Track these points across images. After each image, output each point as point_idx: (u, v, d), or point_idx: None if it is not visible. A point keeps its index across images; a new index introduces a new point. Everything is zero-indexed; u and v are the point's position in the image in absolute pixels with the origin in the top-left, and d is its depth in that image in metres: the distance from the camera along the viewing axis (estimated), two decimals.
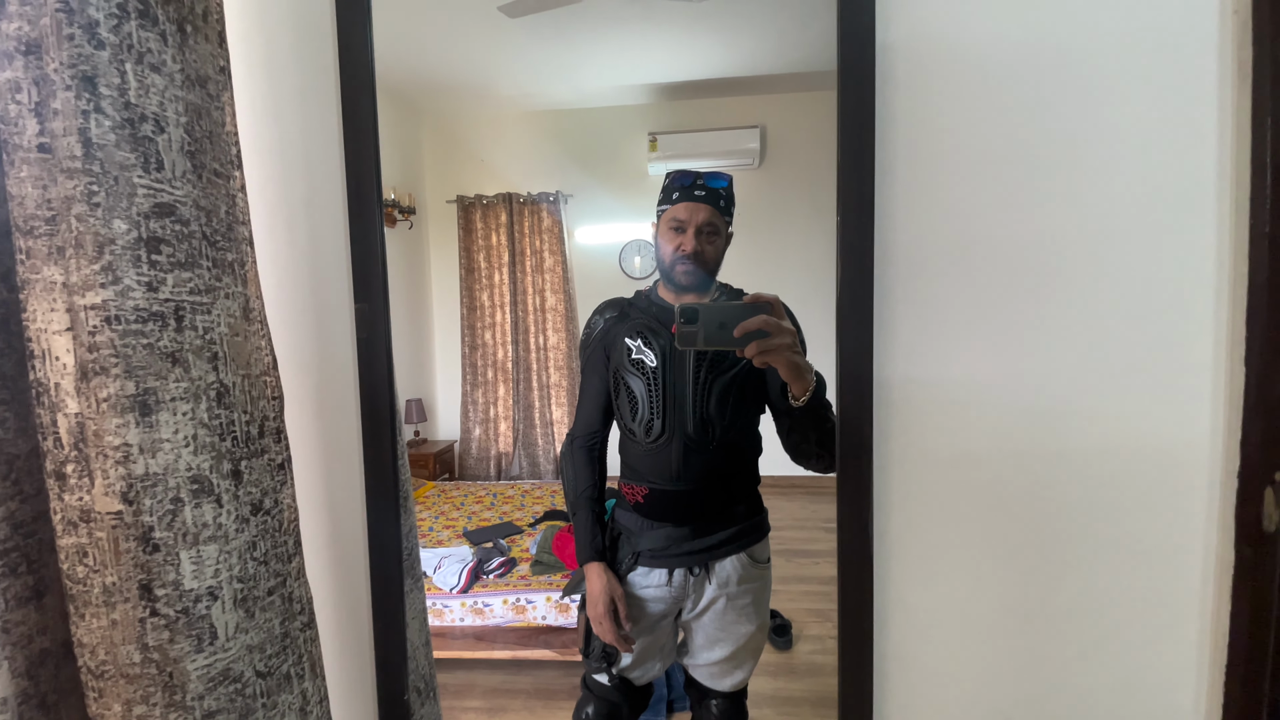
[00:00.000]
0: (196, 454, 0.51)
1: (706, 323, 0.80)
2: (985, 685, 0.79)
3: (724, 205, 1.11)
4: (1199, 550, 0.73)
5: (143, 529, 0.49)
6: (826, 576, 3.09)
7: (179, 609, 0.50)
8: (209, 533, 0.52)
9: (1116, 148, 0.72)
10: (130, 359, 0.48)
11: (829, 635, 2.55)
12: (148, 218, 0.49)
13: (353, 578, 0.82)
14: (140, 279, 0.49)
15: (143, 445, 0.49)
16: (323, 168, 0.76)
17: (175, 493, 0.50)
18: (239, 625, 0.54)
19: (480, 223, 4.07)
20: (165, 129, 0.51)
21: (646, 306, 1.17)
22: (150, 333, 0.49)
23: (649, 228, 1.19)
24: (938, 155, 0.74)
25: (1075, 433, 0.75)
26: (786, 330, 0.83)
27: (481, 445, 4.18)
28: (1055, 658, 0.78)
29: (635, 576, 1.16)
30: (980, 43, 0.72)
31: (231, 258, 0.57)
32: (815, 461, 1.03)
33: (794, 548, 3.35)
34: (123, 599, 0.49)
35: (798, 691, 2.23)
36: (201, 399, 0.52)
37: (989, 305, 0.75)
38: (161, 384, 0.50)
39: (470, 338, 4.16)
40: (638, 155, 4.03)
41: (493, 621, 2.18)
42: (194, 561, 0.51)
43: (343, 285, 0.76)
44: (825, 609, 2.77)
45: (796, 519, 3.70)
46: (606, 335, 1.17)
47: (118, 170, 0.48)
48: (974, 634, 0.78)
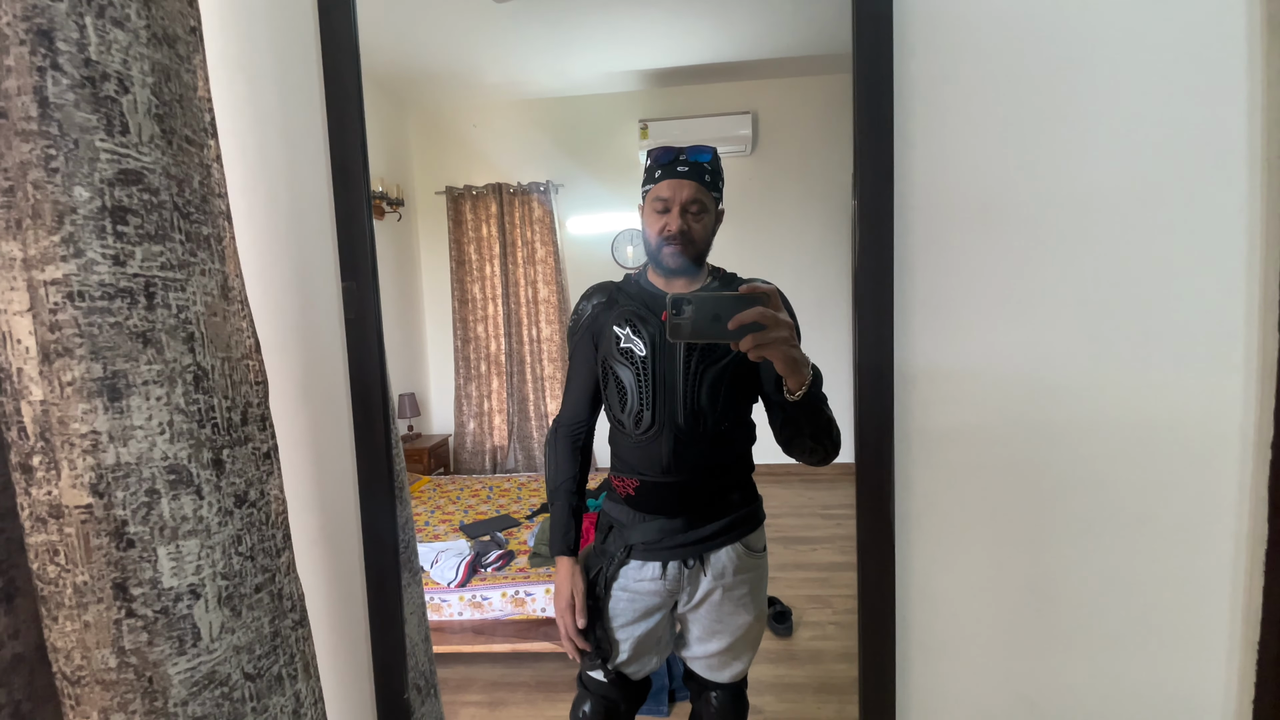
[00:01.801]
0: (173, 442, 0.48)
1: (699, 313, 0.76)
2: (1009, 667, 0.77)
3: (710, 180, 1.06)
4: (1230, 525, 0.71)
5: (115, 523, 0.45)
6: (825, 563, 3.08)
7: (157, 609, 0.46)
8: (189, 526, 0.48)
9: (1142, 109, 0.69)
10: (96, 339, 0.44)
11: (829, 621, 2.55)
12: (112, 185, 0.45)
13: (347, 573, 0.78)
14: (105, 251, 0.45)
15: (113, 433, 0.45)
16: (305, 139, 0.71)
17: (150, 484, 0.46)
18: (224, 625, 0.50)
19: (470, 214, 4.01)
20: (130, 89, 0.47)
21: (636, 292, 1.13)
22: (118, 310, 0.45)
23: (639, 213, 1.14)
24: (956, 120, 0.70)
25: (1100, 405, 0.72)
26: (783, 323, 0.77)
27: (476, 439, 4.15)
28: (1080, 638, 0.76)
29: (628, 570, 1.13)
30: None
31: (207, 232, 0.53)
32: (809, 455, 0.98)
33: (791, 534, 3.35)
34: (96, 599, 0.45)
35: (799, 678, 2.21)
36: (177, 383, 0.48)
37: (1011, 275, 0.72)
38: (132, 366, 0.46)
39: (462, 331, 4.11)
40: (629, 143, 3.98)
41: (491, 615, 2.15)
42: (173, 558, 0.47)
43: (328, 263, 0.72)
44: (824, 595, 2.76)
45: (793, 506, 3.70)
46: (594, 322, 1.13)
47: (78, 133, 0.44)
48: (997, 615, 0.76)
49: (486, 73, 3.57)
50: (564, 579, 1.12)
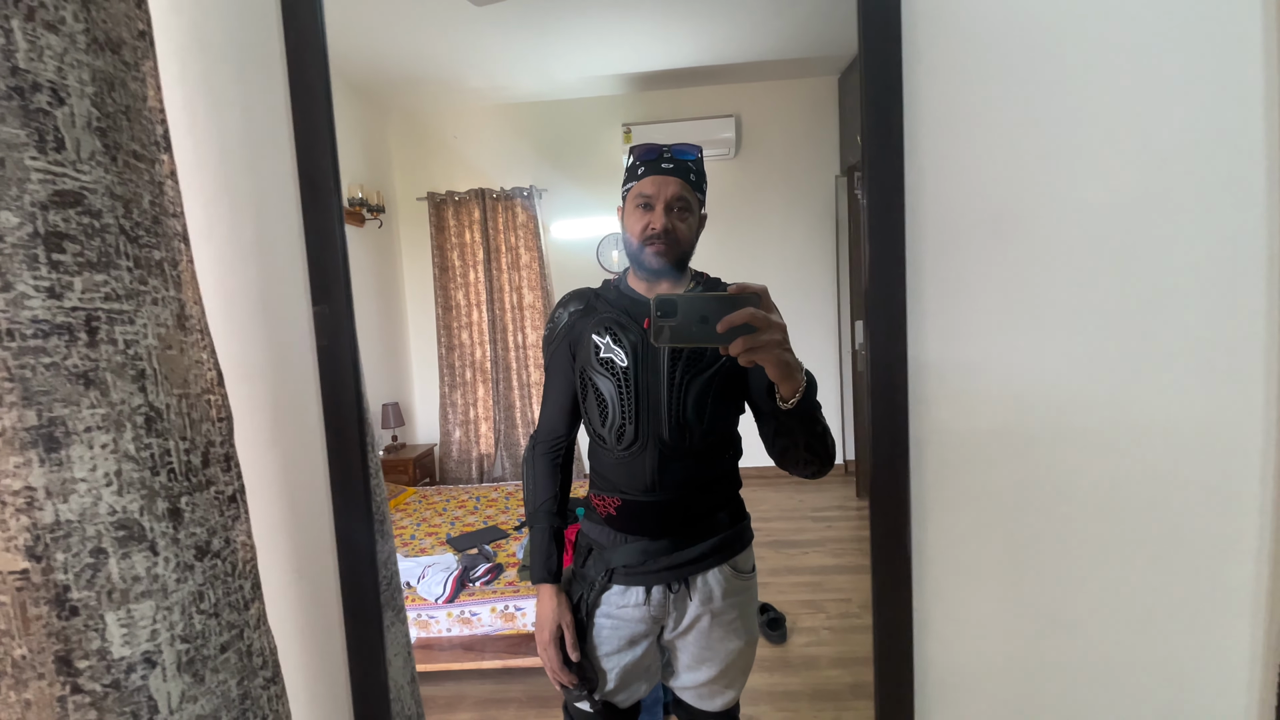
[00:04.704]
0: (121, 494, 0.43)
1: (685, 316, 0.70)
2: (1026, 680, 0.74)
3: (695, 180, 1.02)
4: (1251, 543, 0.68)
5: (56, 589, 0.40)
6: (816, 566, 3.06)
7: (107, 682, 0.41)
8: (142, 587, 0.43)
9: (1155, 116, 0.66)
10: (29, 383, 0.39)
11: (822, 627, 2.52)
12: (45, 208, 0.40)
13: (323, 618, 0.72)
14: (39, 284, 0.40)
15: (50, 487, 0.40)
16: (270, 150, 0.65)
17: (96, 543, 0.41)
18: (185, 693, 0.45)
19: (453, 220, 3.94)
20: (66, 100, 0.42)
21: (616, 298, 1.07)
22: (54, 349, 0.40)
23: (617, 215, 1.09)
24: (966, 125, 0.67)
25: (1114, 416, 0.69)
26: (776, 325, 0.73)
27: (462, 448, 4.07)
28: (1096, 652, 0.73)
29: (610, 596, 1.07)
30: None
31: (160, 256, 0.48)
32: (804, 467, 0.94)
33: (782, 538, 3.32)
34: (36, 675, 0.40)
35: (794, 685, 2.18)
36: (125, 427, 0.43)
37: (1024, 284, 0.69)
38: (72, 411, 0.41)
39: (447, 338, 4.04)
40: (612, 147, 3.94)
41: (481, 630, 2.10)
42: (124, 624, 0.42)
43: (298, 286, 0.67)
44: (817, 599, 2.73)
45: (783, 510, 3.68)
46: (572, 330, 1.07)
47: (4, 150, 0.39)
48: (1012, 631, 0.73)
49: (468, 77, 3.51)
50: (547, 609, 1.05)
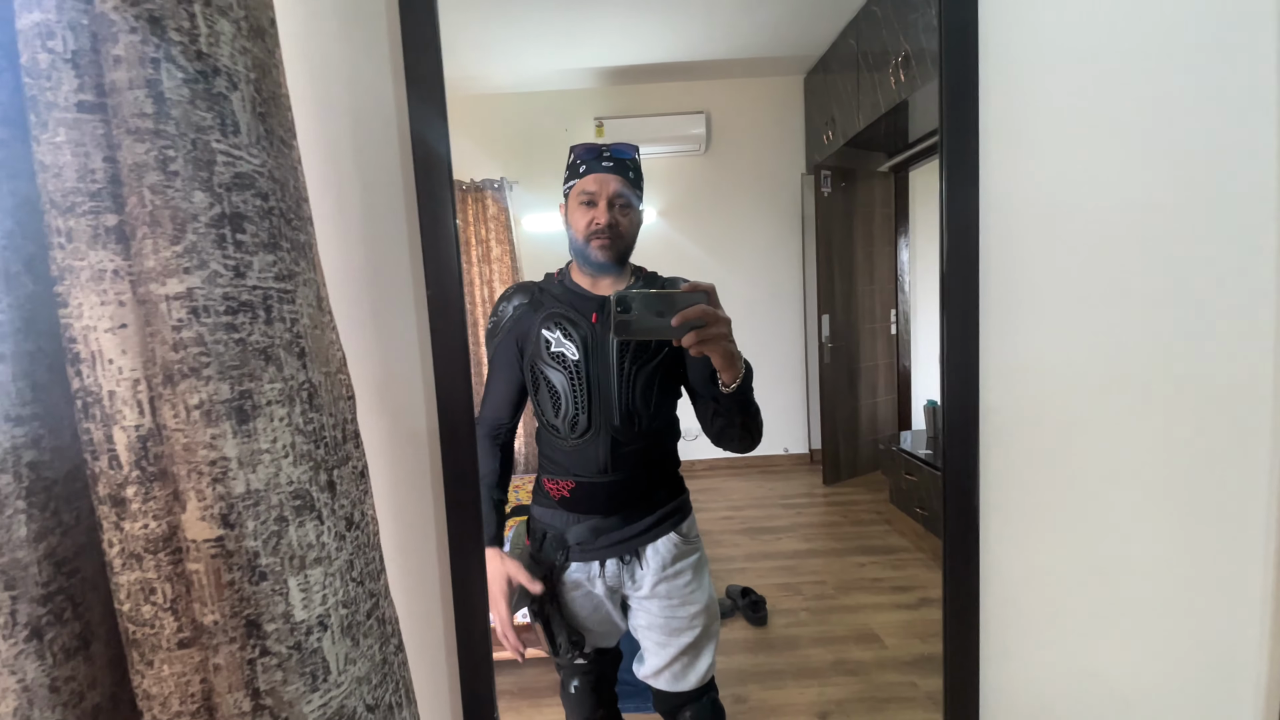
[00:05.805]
0: (296, 464, 0.44)
1: (642, 311, 0.77)
2: (1076, 646, 0.80)
3: (634, 178, 1.08)
4: (1260, 504, 0.74)
5: (247, 555, 0.41)
6: (790, 551, 3.17)
7: (290, 644, 0.43)
8: (314, 554, 0.45)
9: (1189, 122, 0.72)
10: (224, 357, 0.41)
11: (800, 608, 2.62)
12: (229, 190, 0.42)
13: (425, 590, 0.74)
14: (227, 263, 0.41)
15: (241, 458, 0.41)
16: (379, 135, 0.66)
17: (279, 510, 0.43)
18: (348, 656, 0.47)
19: None
20: (237, 85, 0.43)
21: (561, 293, 1.11)
22: (242, 326, 0.42)
23: (560, 213, 1.13)
24: (1029, 128, 0.73)
25: (1153, 396, 0.75)
26: (723, 319, 0.82)
27: None
28: (1127, 617, 0.79)
29: (570, 574, 1.14)
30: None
31: (304, 239, 0.49)
32: (738, 443, 1.03)
33: (756, 525, 3.41)
34: (227, 639, 0.41)
35: (779, 664, 2.27)
36: (295, 401, 0.45)
37: (1075, 273, 0.74)
38: (257, 385, 0.42)
39: None
40: (584, 140, 3.92)
41: None
42: (302, 589, 0.44)
43: (403, 270, 0.68)
44: (794, 582, 2.84)
45: (754, 497, 3.78)
46: (518, 325, 1.11)
47: (194, 133, 0.40)
48: (1063, 596, 0.79)
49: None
50: (493, 569, 1.09)
